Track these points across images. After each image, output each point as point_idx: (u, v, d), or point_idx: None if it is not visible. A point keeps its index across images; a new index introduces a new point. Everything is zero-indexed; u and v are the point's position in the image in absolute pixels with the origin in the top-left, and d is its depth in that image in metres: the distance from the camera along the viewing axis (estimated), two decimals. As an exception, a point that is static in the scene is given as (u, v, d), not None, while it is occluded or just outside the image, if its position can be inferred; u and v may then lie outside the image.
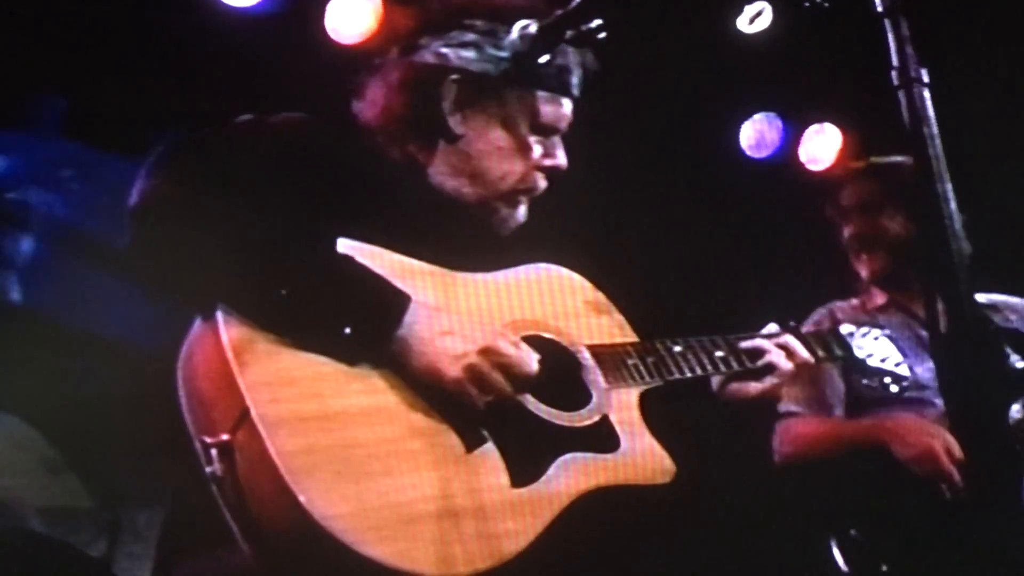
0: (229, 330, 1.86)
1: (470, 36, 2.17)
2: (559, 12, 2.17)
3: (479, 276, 2.14)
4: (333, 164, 2.07)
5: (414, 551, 1.82)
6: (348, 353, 1.91)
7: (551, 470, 2.00)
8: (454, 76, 2.17)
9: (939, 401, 3.22)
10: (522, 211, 2.27)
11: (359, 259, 1.98)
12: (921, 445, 3.12)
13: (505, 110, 2.20)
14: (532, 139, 2.23)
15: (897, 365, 2.64)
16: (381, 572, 1.78)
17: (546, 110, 2.23)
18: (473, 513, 1.89)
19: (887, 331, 2.70)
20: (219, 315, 1.87)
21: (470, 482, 1.92)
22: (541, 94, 2.22)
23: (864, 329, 2.65)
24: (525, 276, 2.21)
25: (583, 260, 2.32)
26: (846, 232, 3.66)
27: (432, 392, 1.94)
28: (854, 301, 3.65)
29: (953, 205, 1.66)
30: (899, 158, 3.48)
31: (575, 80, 2.25)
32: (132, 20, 3.95)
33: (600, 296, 2.30)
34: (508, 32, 2.17)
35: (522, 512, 1.94)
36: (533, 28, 2.17)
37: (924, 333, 3.37)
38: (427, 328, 1.95)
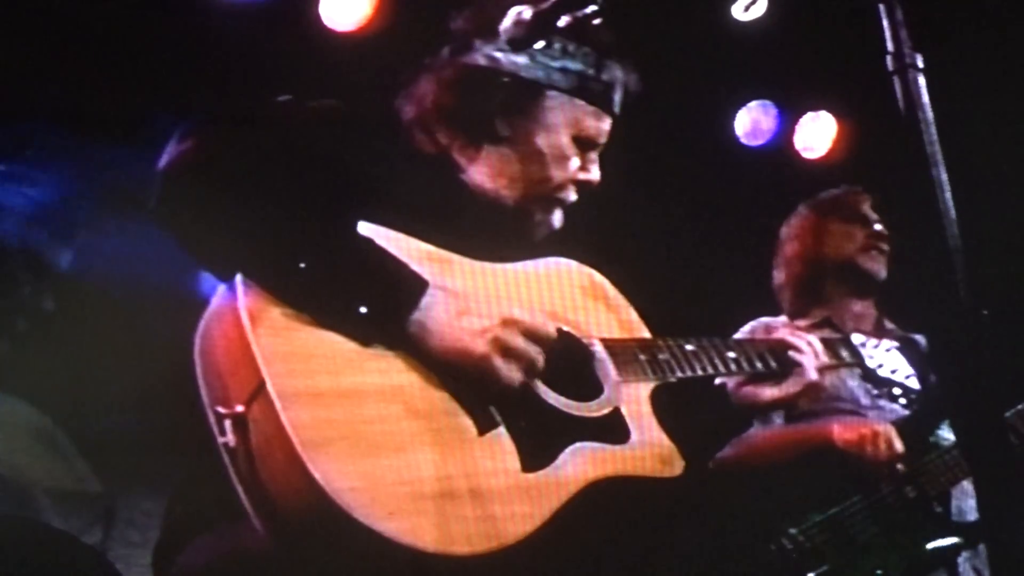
0: (248, 303, 1.86)
1: None
2: None
3: (496, 266, 2.15)
4: (364, 151, 2.08)
5: (421, 528, 1.83)
6: (363, 332, 1.92)
7: (561, 457, 2.00)
8: (504, 79, 2.19)
9: (872, 414, 3.32)
10: (557, 217, 2.28)
11: (379, 242, 1.99)
12: (861, 430, 3.18)
13: (551, 118, 2.22)
14: (572, 149, 2.25)
15: (907, 378, 2.67)
16: (388, 546, 1.79)
17: (589, 123, 2.26)
18: (482, 495, 1.90)
19: (898, 344, 2.72)
20: (238, 287, 1.88)
21: (481, 464, 1.92)
22: (586, 107, 2.25)
23: (875, 341, 2.68)
24: (542, 268, 2.22)
25: (582, 249, 2.32)
26: (787, 253, 3.74)
27: (454, 372, 1.95)
28: (783, 319, 3.67)
29: (948, 192, 1.66)
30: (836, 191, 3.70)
31: (618, 98, 2.28)
32: (127, 12, 3.94)
33: (613, 291, 2.31)
34: (561, 40, 2.20)
35: (531, 497, 1.94)
36: (527, 14, 2.17)
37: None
38: (445, 310, 1.96)
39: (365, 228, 2.01)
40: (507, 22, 2.19)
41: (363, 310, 1.90)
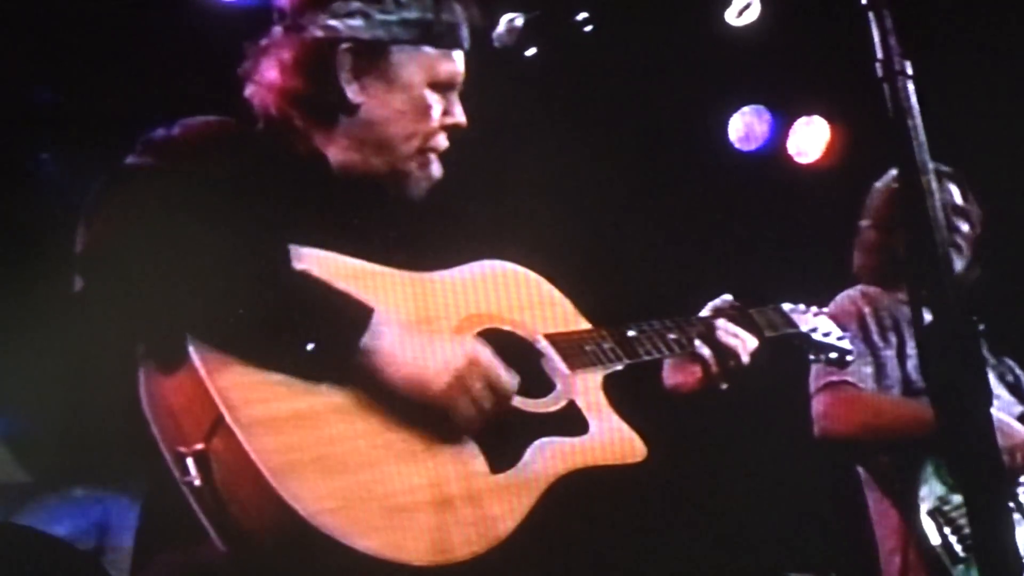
0: (195, 342, 1.83)
1: (355, 4, 2.14)
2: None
3: (434, 275, 2.14)
4: (255, 170, 2.04)
5: (403, 541, 1.82)
6: (314, 370, 1.88)
7: (527, 455, 2.01)
8: (346, 45, 2.14)
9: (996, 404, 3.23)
10: (435, 168, 2.24)
11: (316, 269, 1.95)
12: (1015, 439, 3.15)
13: (401, 72, 2.17)
14: (431, 98, 2.20)
15: (840, 339, 2.67)
16: (372, 565, 1.78)
17: (441, 68, 2.21)
18: (456, 501, 1.90)
19: (824, 309, 2.72)
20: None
21: (450, 470, 1.93)
22: (433, 52, 2.20)
23: (802, 306, 2.69)
24: (478, 272, 2.21)
25: (566, 255, 2.33)
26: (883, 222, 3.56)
27: (410, 406, 1.92)
28: (880, 288, 3.54)
29: (937, 198, 1.67)
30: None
31: (464, 33, 2.24)
32: (118, 14, 3.94)
33: (552, 289, 2.31)
34: None
35: (503, 498, 1.95)
36: (519, 21, 2.17)
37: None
38: (397, 338, 1.93)
39: (301, 253, 1.96)
40: (500, 28, 2.19)
41: (310, 347, 1.87)
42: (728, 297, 2.47)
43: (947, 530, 3.10)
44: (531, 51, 2.20)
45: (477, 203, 2.29)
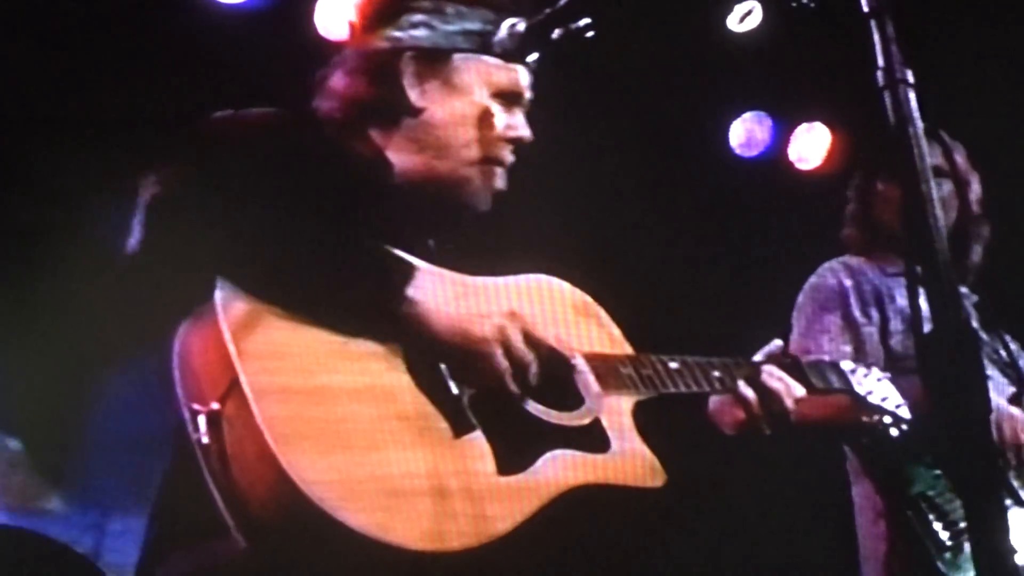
0: (227, 306, 1.89)
1: (418, 17, 2.22)
2: (548, 11, 2.20)
3: (478, 279, 2.16)
4: (312, 159, 2.11)
5: (394, 523, 1.84)
6: (352, 320, 1.94)
7: (539, 463, 2.02)
8: (409, 53, 2.21)
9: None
10: (499, 180, 2.28)
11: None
12: (1002, 411, 3.13)
13: (461, 79, 2.23)
14: (494, 107, 2.25)
15: (898, 407, 2.62)
16: (360, 542, 1.80)
17: (501, 77, 2.25)
18: (455, 494, 1.92)
19: (889, 375, 2.68)
20: (217, 292, 1.90)
21: (456, 465, 1.94)
22: (493, 61, 2.25)
23: (864, 369, 2.66)
24: (523, 283, 2.24)
25: (568, 263, 2.32)
26: (879, 187, 3.53)
27: (448, 353, 1.98)
28: (865, 260, 3.53)
29: (938, 207, 1.67)
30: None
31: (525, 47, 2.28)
32: (121, 16, 3.95)
33: (598, 309, 2.33)
34: (454, 7, 2.23)
35: (507, 499, 1.96)
36: (521, 26, 2.19)
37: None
38: (441, 290, 2.00)
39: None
40: (501, 33, 2.20)
41: (353, 293, 1.94)
42: (779, 343, 2.48)
43: (932, 516, 3.09)
44: (533, 57, 2.20)
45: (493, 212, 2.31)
